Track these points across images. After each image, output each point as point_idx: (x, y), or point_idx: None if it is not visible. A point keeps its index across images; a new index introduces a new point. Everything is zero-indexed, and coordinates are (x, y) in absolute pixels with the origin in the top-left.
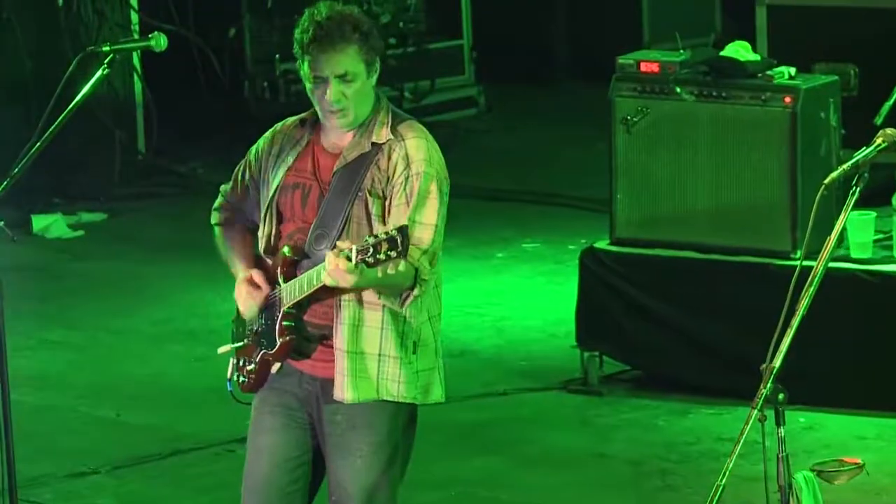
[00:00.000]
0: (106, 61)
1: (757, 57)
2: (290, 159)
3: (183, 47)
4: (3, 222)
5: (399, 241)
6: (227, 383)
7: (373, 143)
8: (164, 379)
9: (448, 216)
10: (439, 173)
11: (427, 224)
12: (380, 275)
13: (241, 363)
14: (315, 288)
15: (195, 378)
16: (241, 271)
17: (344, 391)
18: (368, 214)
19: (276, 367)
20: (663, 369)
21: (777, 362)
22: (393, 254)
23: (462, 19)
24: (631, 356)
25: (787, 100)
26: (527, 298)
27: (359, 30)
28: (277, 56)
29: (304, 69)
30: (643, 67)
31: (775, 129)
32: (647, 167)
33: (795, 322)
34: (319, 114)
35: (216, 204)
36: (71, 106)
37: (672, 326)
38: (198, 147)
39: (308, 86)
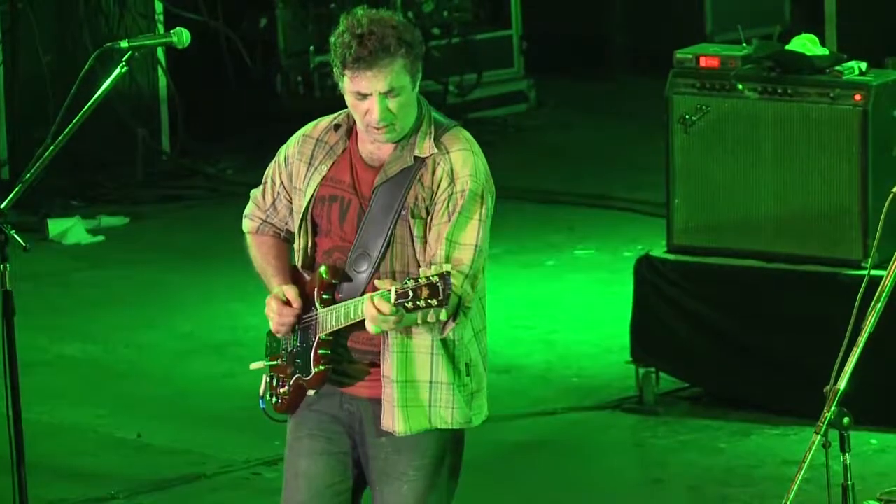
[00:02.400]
0: (124, 58)
1: (825, 51)
2: (325, 168)
3: (211, 39)
4: (13, 231)
5: (441, 288)
6: (260, 401)
7: (415, 157)
8: (187, 397)
9: (494, 220)
10: (485, 187)
11: (467, 245)
12: (419, 322)
13: (274, 382)
14: (352, 322)
15: (221, 397)
16: (274, 286)
17: (395, 423)
18: (412, 235)
19: (311, 392)
20: (724, 386)
21: (842, 384)
22: (434, 302)
23: (511, 7)
24: (689, 372)
25: (858, 97)
26: (579, 310)
27: (403, 42)
28: (312, 48)
29: (345, 84)
30: (702, 62)
31: (845, 129)
32: (706, 170)
33: (862, 340)
34: (360, 126)
35: (247, 210)
36: (87, 106)
37: (733, 340)
38: (227, 146)
39: (349, 99)
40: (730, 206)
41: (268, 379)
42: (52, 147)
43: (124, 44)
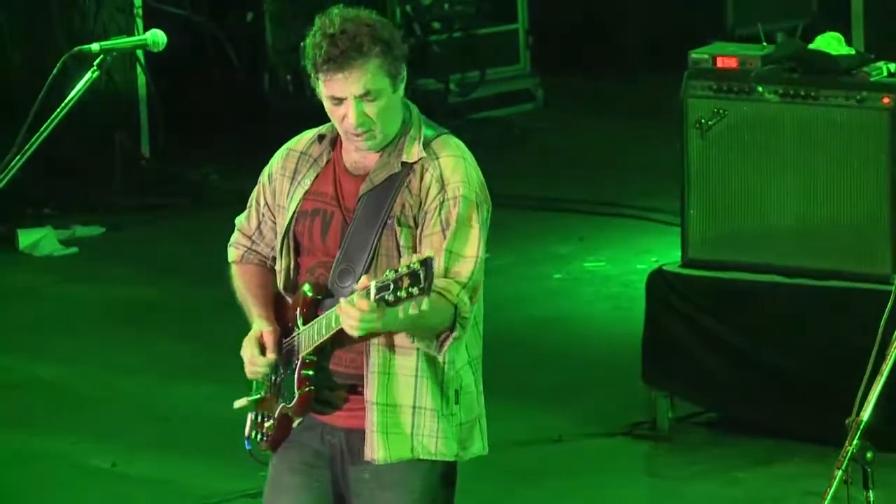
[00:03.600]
0: (96, 62)
1: (851, 50)
2: (308, 182)
3: (194, 35)
4: None
5: (422, 275)
6: (246, 442)
7: (403, 163)
8: (168, 423)
9: (496, 230)
10: (479, 196)
11: (468, 256)
12: (401, 315)
13: (259, 419)
14: (333, 331)
15: (204, 422)
16: (255, 318)
17: (374, 450)
18: (398, 246)
19: (296, 422)
20: (743, 411)
21: (865, 415)
22: (415, 290)
23: (516, 1)
24: (705, 396)
25: (886, 100)
26: (587, 327)
27: (378, 40)
28: (303, 44)
29: (320, 88)
30: (720, 63)
31: (872, 134)
32: (723, 178)
33: (886, 368)
34: (342, 135)
35: (232, 239)
36: (55, 114)
37: (753, 362)
38: (211, 150)
39: (326, 105)
40: (749, 217)
41: (252, 417)
42: (17, 158)
43: (96, 47)
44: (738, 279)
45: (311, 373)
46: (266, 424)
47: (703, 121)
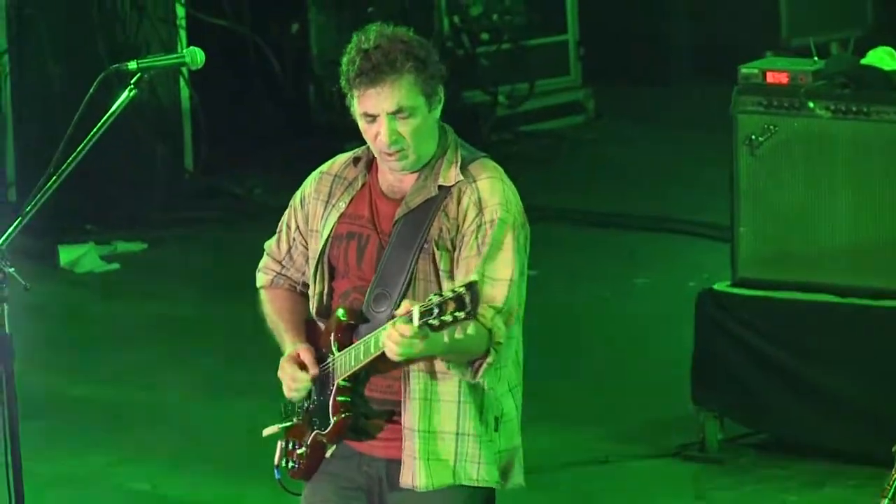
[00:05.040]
0: (133, 80)
1: None
2: (343, 205)
3: (237, 46)
4: (13, 269)
5: (467, 299)
6: (276, 471)
7: (440, 186)
8: (207, 445)
9: (544, 245)
10: (517, 219)
11: (500, 280)
12: (446, 340)
13: (290, 446)
14: (372, 357)
15: (243, 444)
16: (287, 342)
17: (415, 478)
18: (437, 270)
19: (330, 450)
20: (794, 433)
21: None
22: (461, 315)
23: (567, 11)
24: (756, 417)
25: None
26: (637, 346)
27: (412, 57)
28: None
29: (354, 106)
30: (770, 78)
31: None
32: (774, 195)
33: None
34: (376, 155)
35: (261, 264)
36: (91, 134)
37: (804, 382)
38: (255, 163)
39: (360, 124)
40: (800, 235)
41: (283, 444)
42: (53, 178)
43: (133, 65)
44: (790, 298)
45: (347, 399)
46: (298, 451)
47: (753, 137)
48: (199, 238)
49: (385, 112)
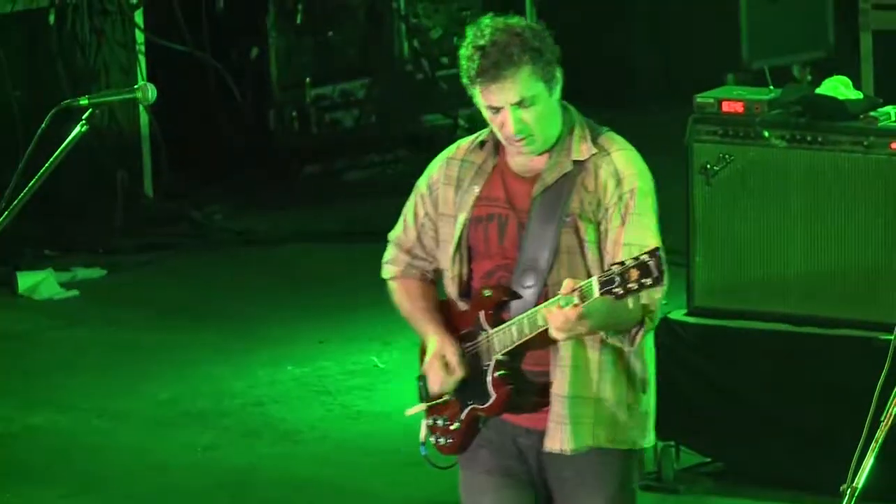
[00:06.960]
0: (84, 116)
1: (859, 94)
2: (477, 188)
3: (197, 71)
4: None
5: (653, 265)
6: (421, 447)
7: (574, 161)
8: (166, 473)
9: None
10: (652, 187)
11: (646, 246)
12: (631, 306)
13: (438, 423)
14: (537, 331)
15: (203, 472)
16: (430, 338)
17: (564, 441)
18: (581, 241)
19: (483, 423)
20: (750, 462)
21: (860, 482)
22: (647, 281)
23: None
24: (712, 446)
25: (894, 145)
26: None
27: (528, 48)
28: (308, 80)
29: (477, 98)
30: (725, 107)
31: (879, 180)
32: (730, 225)
33: (881, 434)
34: (503, 141)
35: (387, 256)
36: (42, 170)
37: (760, 411)
38: (215, 188)
39: (484, 113)
40: (756, 264)
41: (429, 422)
42: (6, 214)
43: (84, 101)
44: (745, 328)
45: (507, 372)
46: (452, 427)
47: (708, 166)
48: (158, 263)
49: (509, 103)
